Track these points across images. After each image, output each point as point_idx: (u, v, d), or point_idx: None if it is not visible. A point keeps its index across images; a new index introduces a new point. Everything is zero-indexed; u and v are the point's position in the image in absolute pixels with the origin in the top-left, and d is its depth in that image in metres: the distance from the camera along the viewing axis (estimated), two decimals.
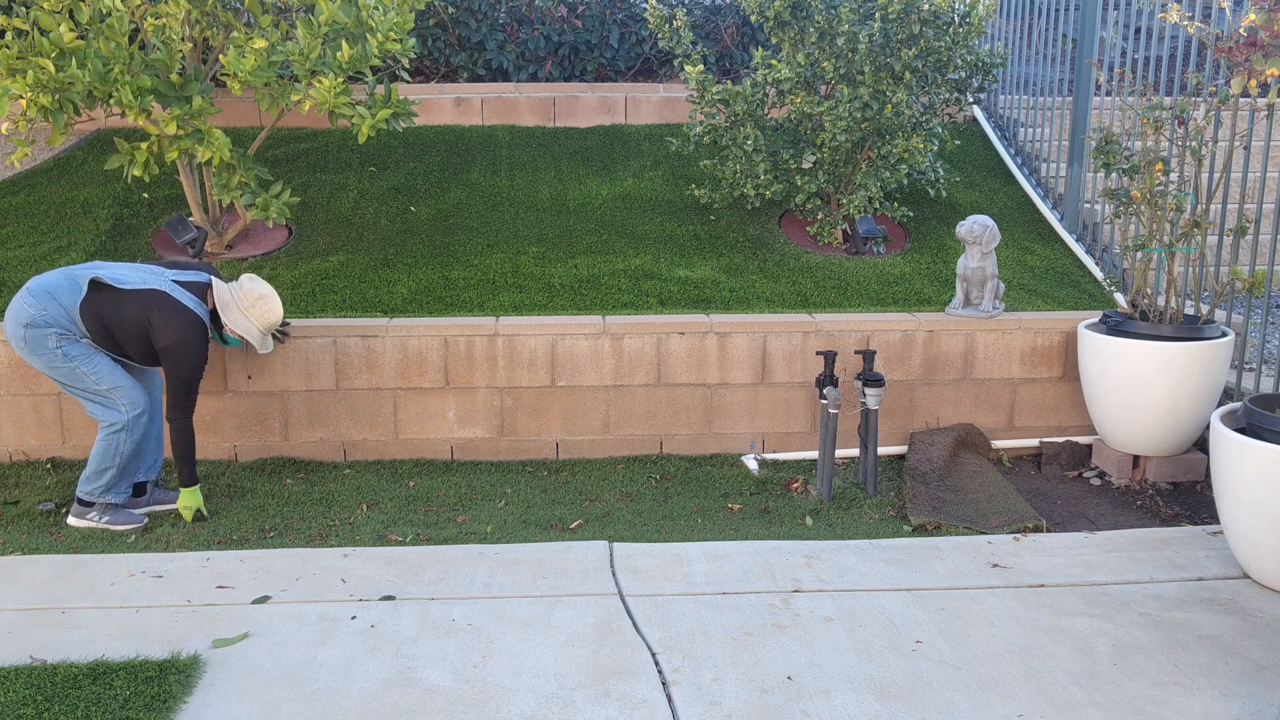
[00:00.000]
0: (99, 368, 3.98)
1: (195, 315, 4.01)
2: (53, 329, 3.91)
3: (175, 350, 3.96)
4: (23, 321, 3.91)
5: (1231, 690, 2.94)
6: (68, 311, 3.92)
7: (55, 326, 3.90)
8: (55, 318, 3.91)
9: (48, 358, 3.94)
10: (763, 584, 3.56)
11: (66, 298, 3.93)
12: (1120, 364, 4.49)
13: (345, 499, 4.48)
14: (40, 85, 4.49)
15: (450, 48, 7.20)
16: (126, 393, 4.02)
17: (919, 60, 5.41)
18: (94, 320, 3.94)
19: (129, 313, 3.94)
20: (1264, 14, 3.62)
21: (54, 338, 3.91)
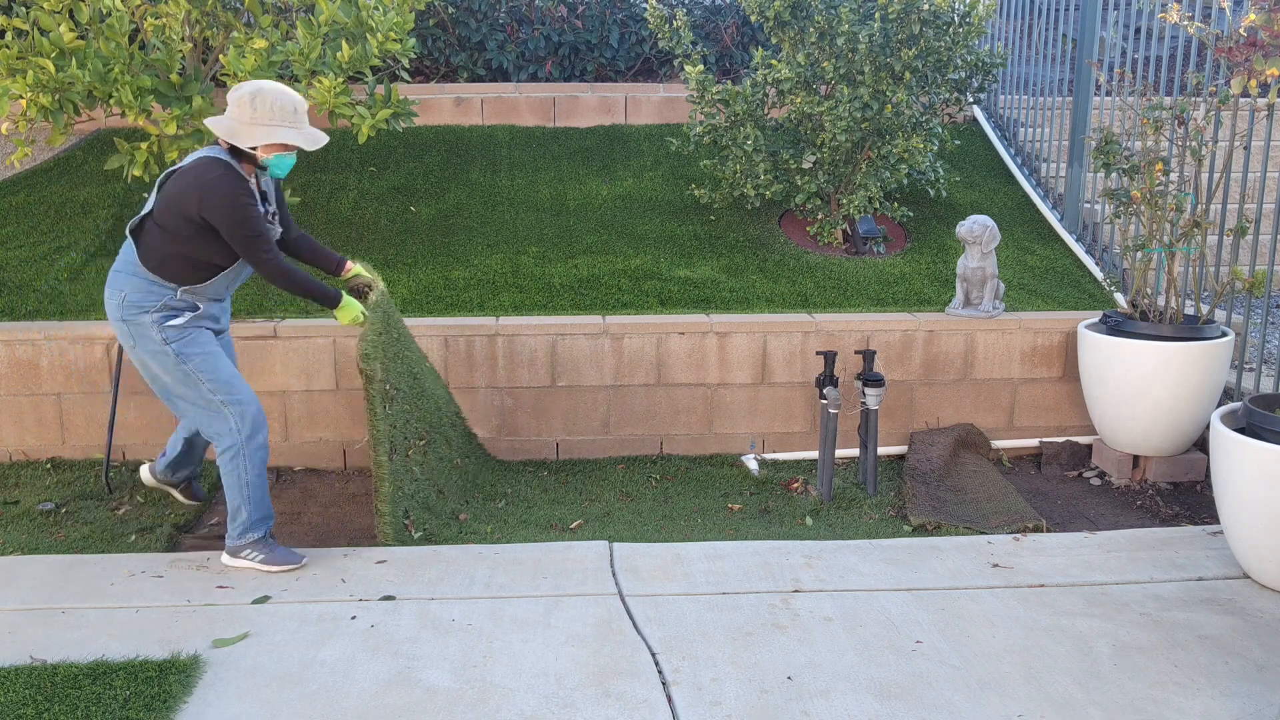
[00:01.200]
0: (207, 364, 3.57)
1: (210, 160, 3.46)
2: (146, 308, 3.52)
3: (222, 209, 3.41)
4: (117, 316, 3.57)
5: (1231, 690, 2.94)
6: (137, 272, 3.53)
7: (145, 304, 3.52)
8: (136, 289, 3.52)
9: (160, 359, 3.56)
10: (763, 584, 3.56)
11: (128, 264, 3.55)
12: (1120, 364, 4.49)
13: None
14: (40, 85, 4.49)
15: (450, 48, 7.20)
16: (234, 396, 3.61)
17: (919, 60, 5.41)
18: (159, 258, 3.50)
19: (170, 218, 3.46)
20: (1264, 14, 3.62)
21: (155, 326, 3.52)
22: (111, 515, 4.24)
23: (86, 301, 4.93)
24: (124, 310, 3.55)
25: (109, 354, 4.67)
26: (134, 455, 4.77)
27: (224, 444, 3.64)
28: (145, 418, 4.73)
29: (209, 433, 3.66)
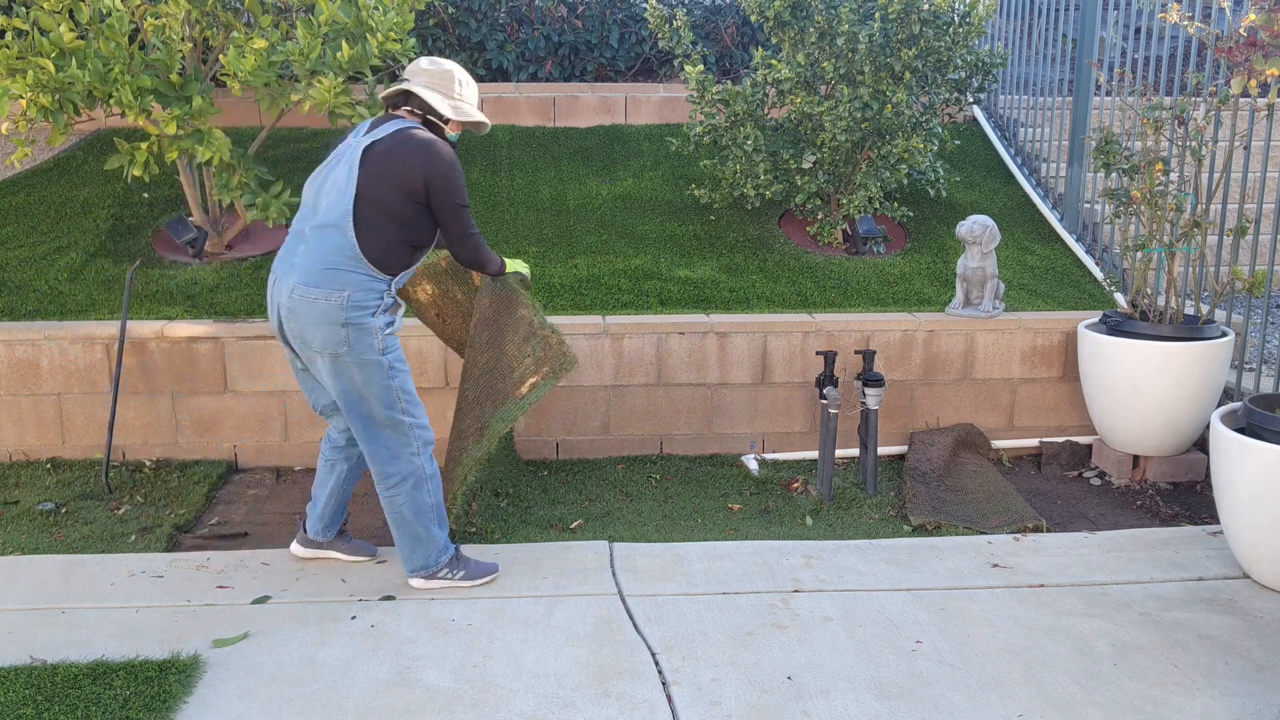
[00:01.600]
0: (407, 380, 3.33)
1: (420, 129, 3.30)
2: (371, 308, 3.20)
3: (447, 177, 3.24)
4: (337, 319, 3.17)
5: (1231, 690, 2.94)
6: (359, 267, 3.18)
7: (369, 303, 3.20)
8: (359, 286, 3.18)
9: (370, 370, 3.23)
10: (763, 584, 3.56)
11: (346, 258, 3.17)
12: (1120, 364, 4.49)
13: None
14: (40, 85, 4.49)
15: (450, 48, 7.19)
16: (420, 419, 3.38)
17: (919, 60, 5.41)
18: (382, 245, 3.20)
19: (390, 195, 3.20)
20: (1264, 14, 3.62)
21: (380, 331, 3.22)
22: (111, 515, 4.24)
23: (86, 301, 4.93)
24: (348, 311, 3.16)
25: (109, 354, 4.67)
26: (134, 455, 4.77)
27: (402, 471, 3.34)
28: (145, 418, 4.73)
29: (383, 457, 3.33)
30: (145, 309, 4.87)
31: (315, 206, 3.28)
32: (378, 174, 3.20)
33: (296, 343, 3.27)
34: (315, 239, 3.22)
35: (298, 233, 3.30)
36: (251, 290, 5.05)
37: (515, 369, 3.67)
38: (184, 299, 4.96)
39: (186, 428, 4.76)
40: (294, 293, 3.20)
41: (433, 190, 3.24)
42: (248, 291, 5.04)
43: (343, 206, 3.18)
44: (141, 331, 4.66)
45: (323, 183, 3.29)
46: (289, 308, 3.21)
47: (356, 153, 3.24)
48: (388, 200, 3.20)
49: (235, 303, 4.94)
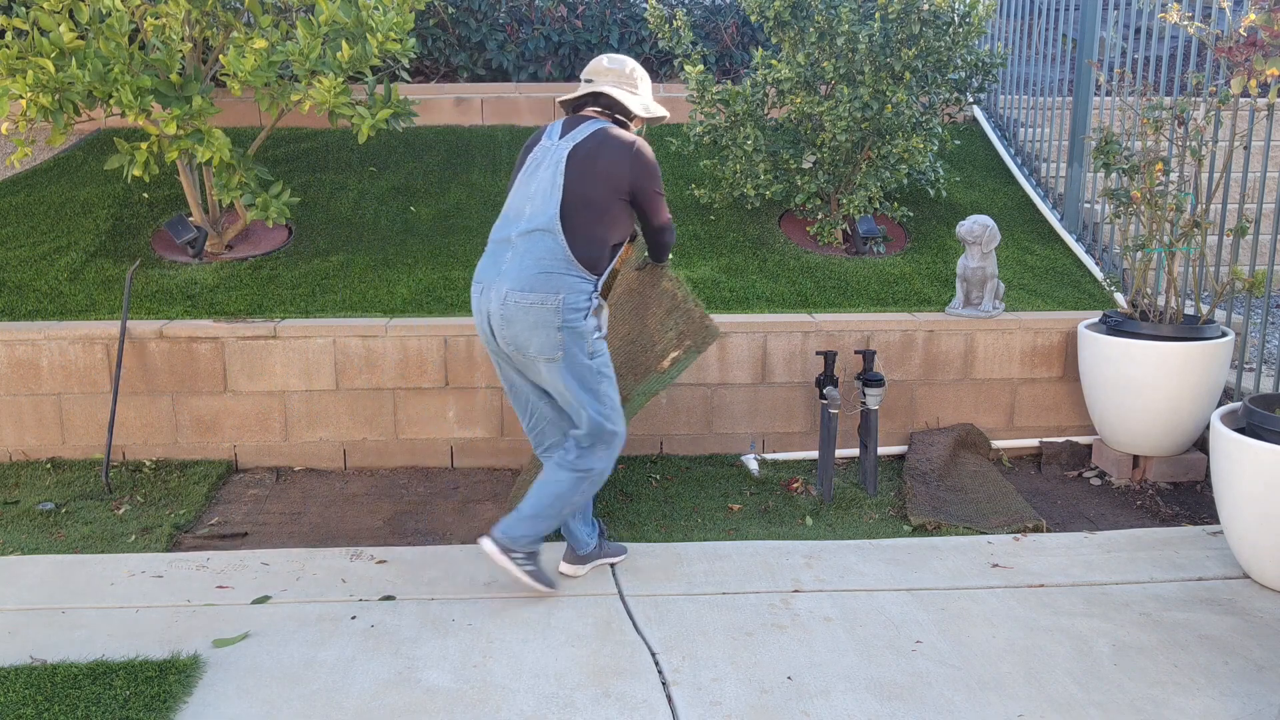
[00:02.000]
0: (613, 384, 3.36)
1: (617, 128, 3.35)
2: (583, 310, 3.22)
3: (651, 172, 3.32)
4: (553, 323, 3.19)
5: (1231, 690, 2.94)
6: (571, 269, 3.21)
7: (581, 305, 3.21)
8: (572, 289, 3.20)
9: (581, 373, 3.26)
10: (763, 584, 3.56)
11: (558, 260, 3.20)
12: (1120, 364, 4.49)
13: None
14: (40, 85, 4.49)
15: (450, 48, 7.19)
16: (619, 425, 3.37)
17: (919, 60, 5.41)
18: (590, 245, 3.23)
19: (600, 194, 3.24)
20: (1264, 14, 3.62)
21: (592, 334, 3.25)
22: (111, 515, 4.24)
23: (86, 302, 4.93)
24: (563, 315, 3.18)
25: (109, 354, 4.68)
26: (134, 455, 4.77)
27: (591, 467, 3.36)
28: (145, 418, 4.74)
29: (583, 451, 3.35)
30: (145, 309, 4.87)
31: (520, 213, 3.29)
32: (585, 175, 3.24)
33: (511, 349, 3.28)
34: (524, 244, 3.24)
35: (502, 240, 3.30)
36: (251, 290, 5.05)
37: (657, 343, 3.66)
38: (184, 299, 4.96)
39: (186, 428, 4.76)
40: (507, 299, 3.21)
41: (639, 187, 3.31)
42: (248, 291, 5.04)
43: (550, 210, 3.22)
44: (141, 331, 4.66)
45: (526, 188, 3.31)
46: (503, 315, 3.23)
47: (560, 156, 3.27)
48: (596, 200, 3.24)
49: (235, 303, 4.94)
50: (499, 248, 3.31)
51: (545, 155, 3.32)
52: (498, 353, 3.38)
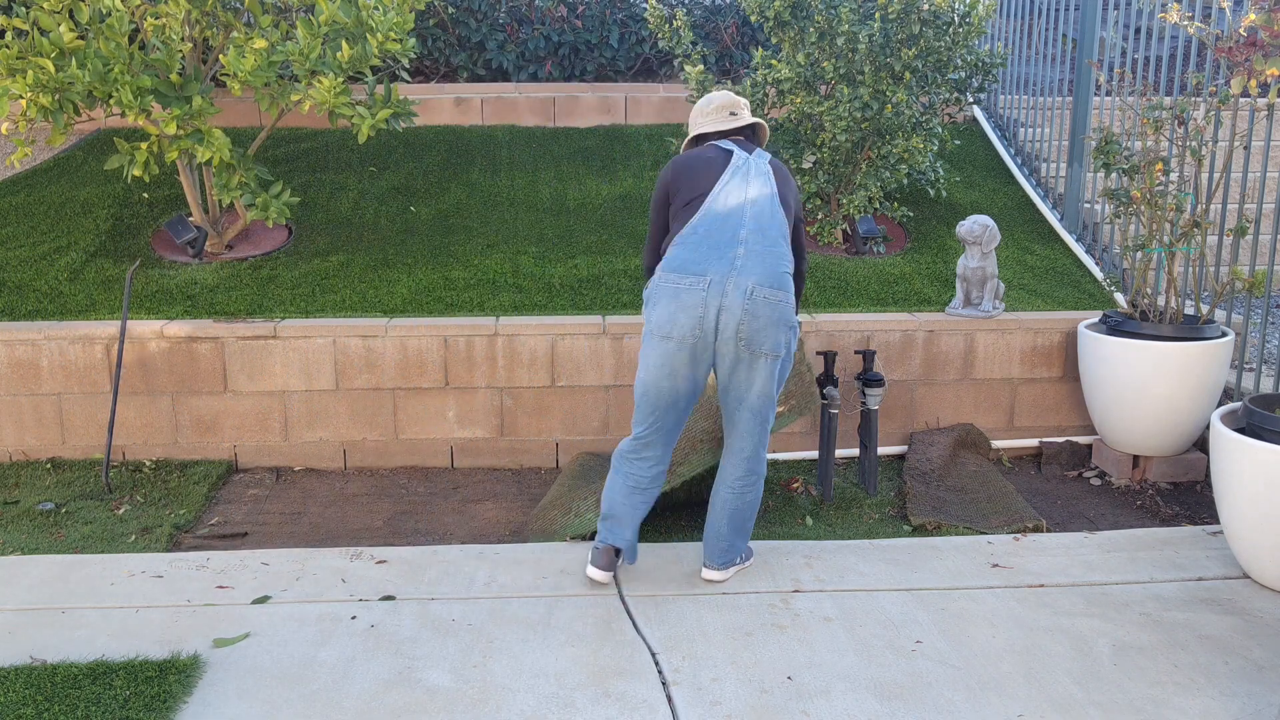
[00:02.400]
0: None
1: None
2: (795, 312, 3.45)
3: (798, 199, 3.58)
4: (789, 321, 3.34)
5: (1231, 690, 2.94)
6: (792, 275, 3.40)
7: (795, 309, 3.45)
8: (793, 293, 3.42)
9: (784, 368, 3.42)
10: (763, 584, 3.56)
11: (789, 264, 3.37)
12: (1120, 364, 4.49)
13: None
14: (40, 85, 4.49)
15: (450, 48, 7.20)
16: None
17: (919, 60, 5.41)
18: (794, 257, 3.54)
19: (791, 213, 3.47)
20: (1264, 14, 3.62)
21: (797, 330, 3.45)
22: (111, 515, 4.24)
23: (86, 302, 4.93)
24: (794, 314, 3.38)
25: (109, 354, 4.68)
26: (134, 455, 4.77)
27: (762, 469, 3.49)
28: (145, 418, 4.74)
29: (760, 455, 3.46)
30: (145, 309, 4.87)
31: (742, 214, 3.32)
32: (784, 192, 3.44)
33: (741, 344, 3.27)
34: (759, 244, 3.29)
35: (726, 238, 3.29)
36: (251, 290, 5.05)
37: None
38: (184, 299, 4.96)
39: (186, 428, 4.76)
40: (754, 294, 3.24)
41: (799, 216, 3.54)
42: (248, 291, 5.04)
43: (780, 216, 3.37)
44: (141, 331, 4.66)
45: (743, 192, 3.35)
46: (747, 308, 3.24)
47: (766, 170, 3.42)
48: (790, 217, 3.46)
49: (235, 303, 4.94)
50: (726, 244, 3.28)
51: (750, 166, 3.40)
52: (691, 348, 3.29)
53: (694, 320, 3.25)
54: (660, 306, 3.29)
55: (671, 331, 3.27)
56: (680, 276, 3.27)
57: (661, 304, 3.28)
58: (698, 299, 3.24)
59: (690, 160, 3.45)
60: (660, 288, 3.30)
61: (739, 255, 3.26)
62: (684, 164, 3.45)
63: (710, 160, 3.42)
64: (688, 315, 3.25)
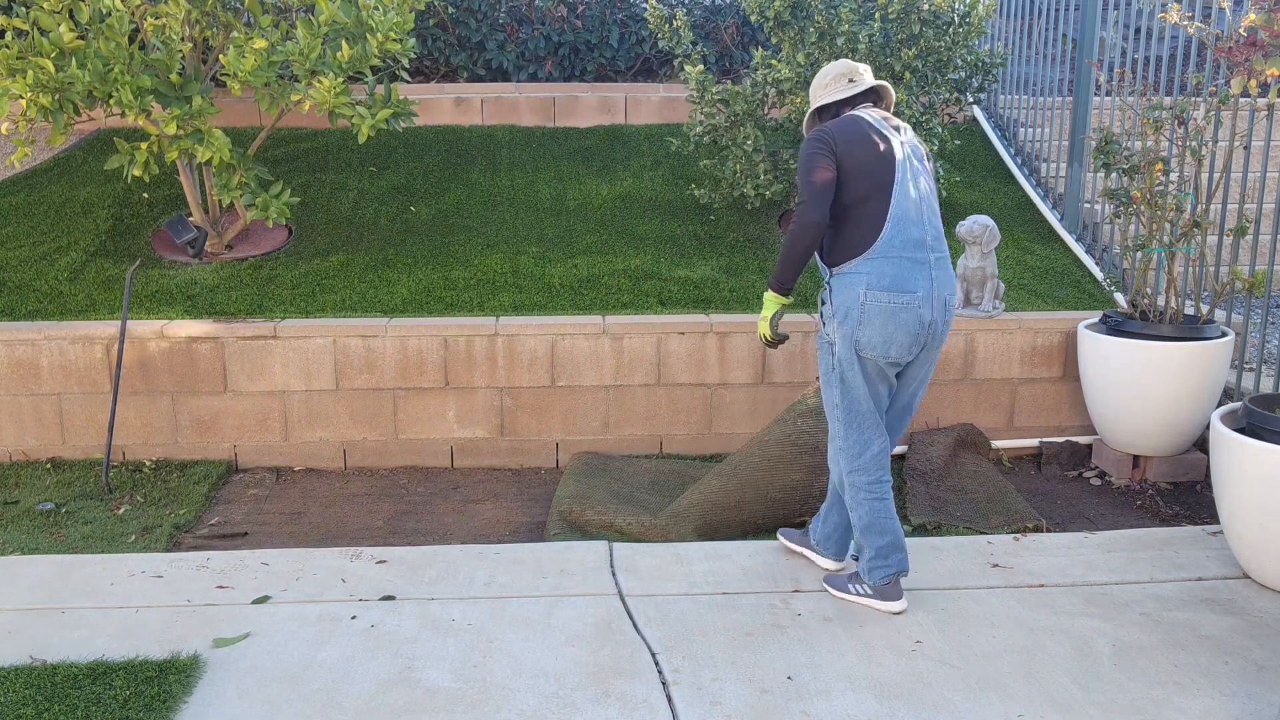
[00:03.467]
0: None
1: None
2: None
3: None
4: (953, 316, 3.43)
5: (1231, 690, 2.94)
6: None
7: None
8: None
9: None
10: (763, 584, 3.56)
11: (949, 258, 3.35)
12: (1120, 364, 4.49)
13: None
14: (40, 85, 4.49)
15: (450, 48, 7.20)
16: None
17: (919, 60, 5.41)
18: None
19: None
20: (1264, 14, 3.62)
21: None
22: (111, 515, 4.24)
23: (86, 302, 4.93)
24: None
25: (109, 354, 4.68)
26: (134, 455, 4.77)
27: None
28: (145, 418, 4.74)
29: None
30: (145, 309, 4.87)
31: (921, 217, 3.26)
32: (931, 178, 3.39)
33: (931, 349, 3.30)
34: (939, 247, 3.29)
35: (920, 244, 3.23)
36: (251, 290, 5.05)
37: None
38: (184, 299, 4.96)
39: (186, 428, 4.76)
40: (948, 304, 3.28)
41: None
42: (248, 291, 5.04)
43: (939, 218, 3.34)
44: (141, 331, 4.66)
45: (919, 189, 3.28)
46: (945, 319, 3.29)
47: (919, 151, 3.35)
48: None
49: (235, 303, 4.94)
50: (919, 254, 3.23)
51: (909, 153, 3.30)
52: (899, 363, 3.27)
53: (910, 338, 3.22)
54: (873, 327, 3.19)
55: (889, 351, 3.22)
56: (894, 295, 3.18)
57: (876, 324, 3.19)
58: (913, 317, 3.20)
59: (853, 136, 3.23)
60: (873, 307, 3.18)
61: (931, 264, 3.24)
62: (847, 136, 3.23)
63: (873, 143, 3.23)
64: (905, 334, 3.21)
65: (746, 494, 4.05)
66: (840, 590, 3.46)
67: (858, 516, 3.34)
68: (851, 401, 3.29)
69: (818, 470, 4.07)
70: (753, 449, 4.18)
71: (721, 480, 4.11)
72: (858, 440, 3.31)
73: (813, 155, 3.22)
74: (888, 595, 3.36)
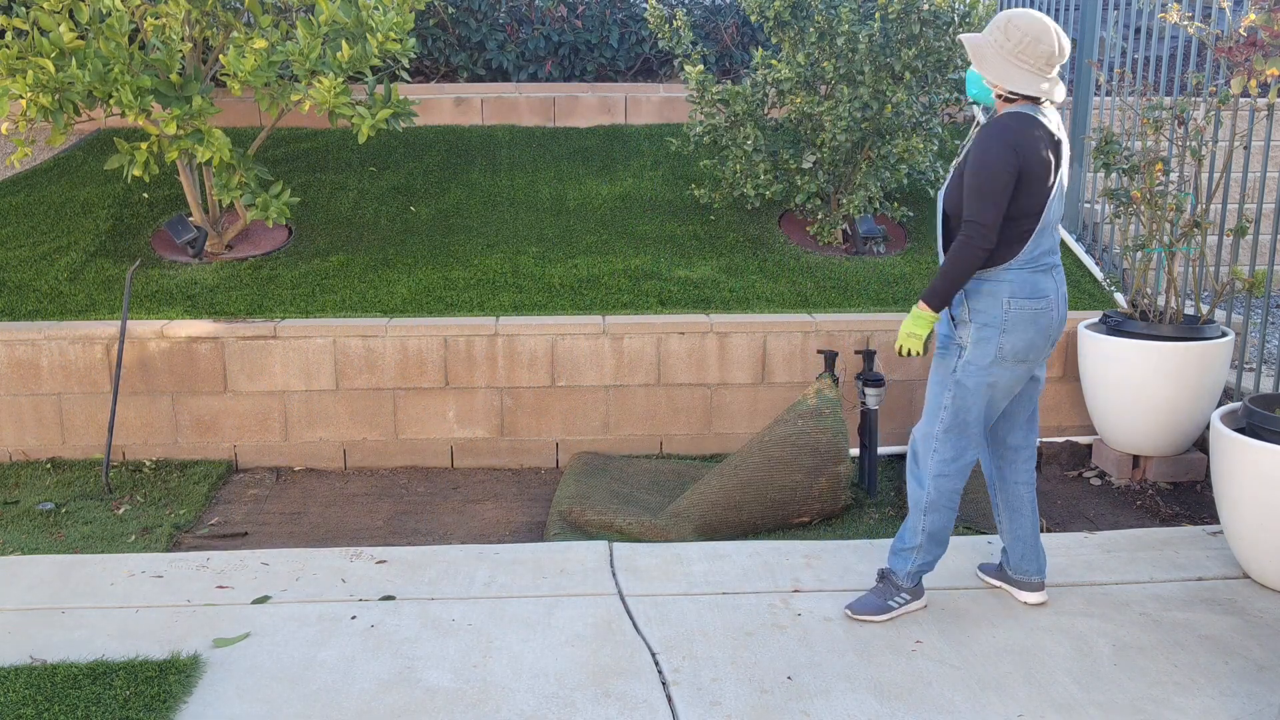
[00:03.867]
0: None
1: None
2: None
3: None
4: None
5: (1231, 690, 2.94)
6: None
7: None
8: None
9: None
10: (763, 584, 3.56)
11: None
12: (1120, 364, 4.49)
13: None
14: (40, 85, 4.49)
15: (450, 48, 7.20)
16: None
17: (919, 60, 5.41)
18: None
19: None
20: (1264, 14, 3.62)
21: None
22: (111, 515, 4.24)
23: (86, 302, 4.93)
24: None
25: (109, 354, 4.68)
26: (134, 455, 4.77)
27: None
28: (145, 418, 4.74)
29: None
30: (145, 309, 4.87)
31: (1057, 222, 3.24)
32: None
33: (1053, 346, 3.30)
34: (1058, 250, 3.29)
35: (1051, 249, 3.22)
36: (251, 290, 5.05)
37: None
38: (184, 299, 4.96)
39: (186, 428, 4.76)
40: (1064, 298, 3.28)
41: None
42: (248, 291, 5.04)
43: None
44: (141, 331, 4.66)
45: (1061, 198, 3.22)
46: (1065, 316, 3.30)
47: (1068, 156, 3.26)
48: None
49: (235, 303, 4.94)
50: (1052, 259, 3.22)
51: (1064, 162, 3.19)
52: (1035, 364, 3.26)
53: (1046, 341, 3.23)
54: (1019, 334, 3.17)
55: (1029, 355, 3.21)
56: (1034, 302, 3.17)
57: (1020, 330, 3.17)
58: (1048, 320, 3.21)
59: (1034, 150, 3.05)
60: (1017, 314, 3.16)
61: (1057, 268, 3.24)
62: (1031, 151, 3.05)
63: (1046, 162, 3.08)
64: (1043, 337, 3.22)
65: (746, 494, 4.05)
66: (882, 614, 3.34)
67: (930, 521, 3.29)
68: (962, 409, 3.23)
69: (817, 471, 4.07)
70: (753, 449, 4.17)
71: (721, 480, 4.11)
72: (955, 446, 3.26)
73: (1001, 172, 3.04)
74: (919, 594, 3.41)
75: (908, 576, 3.34)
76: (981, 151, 3.05)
